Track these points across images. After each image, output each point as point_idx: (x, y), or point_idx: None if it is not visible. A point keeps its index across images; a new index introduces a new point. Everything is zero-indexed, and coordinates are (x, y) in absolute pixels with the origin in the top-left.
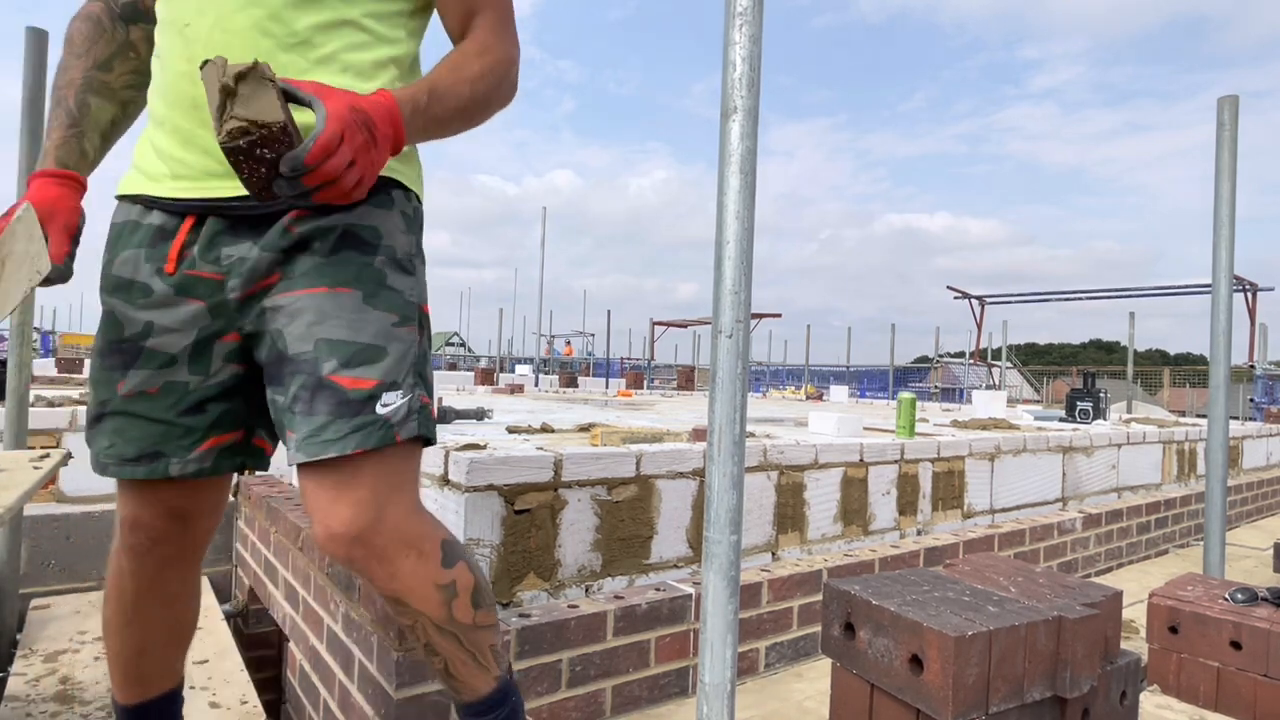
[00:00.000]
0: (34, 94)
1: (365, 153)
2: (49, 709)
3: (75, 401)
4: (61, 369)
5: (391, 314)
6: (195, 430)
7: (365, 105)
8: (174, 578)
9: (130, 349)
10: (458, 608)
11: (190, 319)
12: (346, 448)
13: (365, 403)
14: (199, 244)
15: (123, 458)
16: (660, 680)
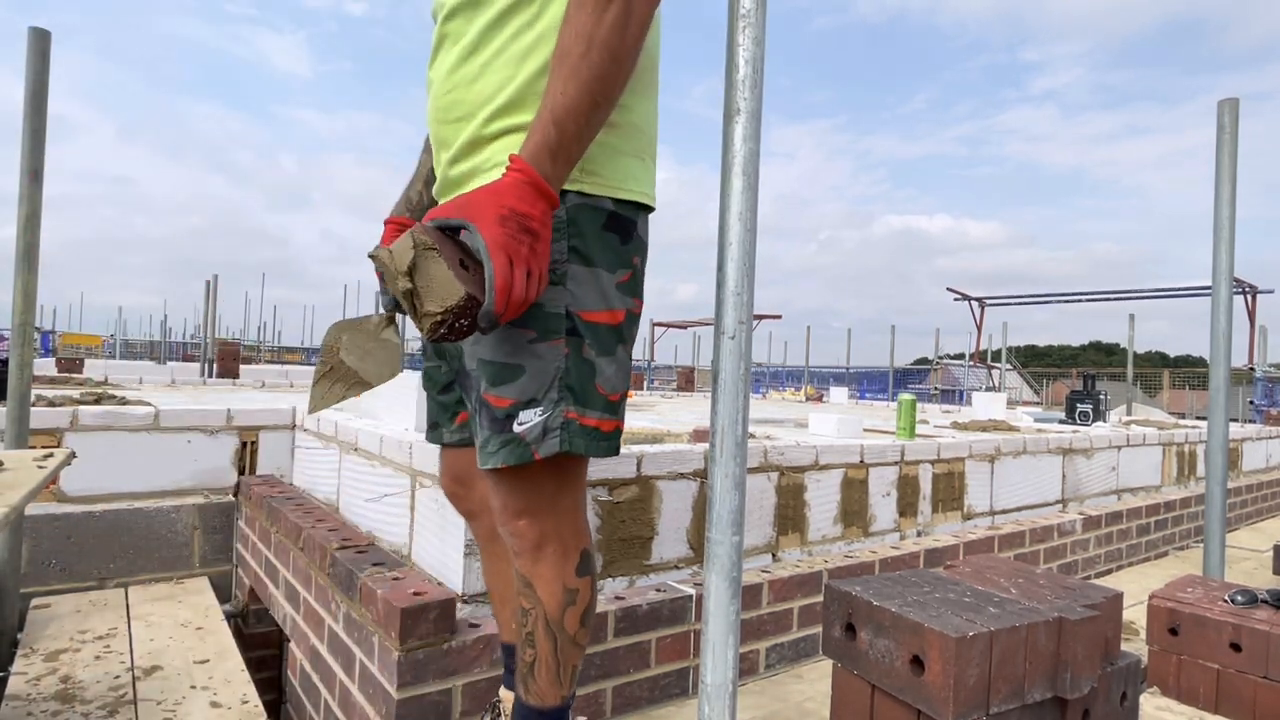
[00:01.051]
0: (36, 94)
1: (534, 258)
2: (50, 708)
3: (75, 401)
4: (62, 369)
5: (527, 330)
6: (449, 407)
7: (511, 201)
8: None
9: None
10: (570, 615)
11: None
12: (496, 463)
13: (505, 421)
14: None
15: (429, 426)
16: (661, 681)
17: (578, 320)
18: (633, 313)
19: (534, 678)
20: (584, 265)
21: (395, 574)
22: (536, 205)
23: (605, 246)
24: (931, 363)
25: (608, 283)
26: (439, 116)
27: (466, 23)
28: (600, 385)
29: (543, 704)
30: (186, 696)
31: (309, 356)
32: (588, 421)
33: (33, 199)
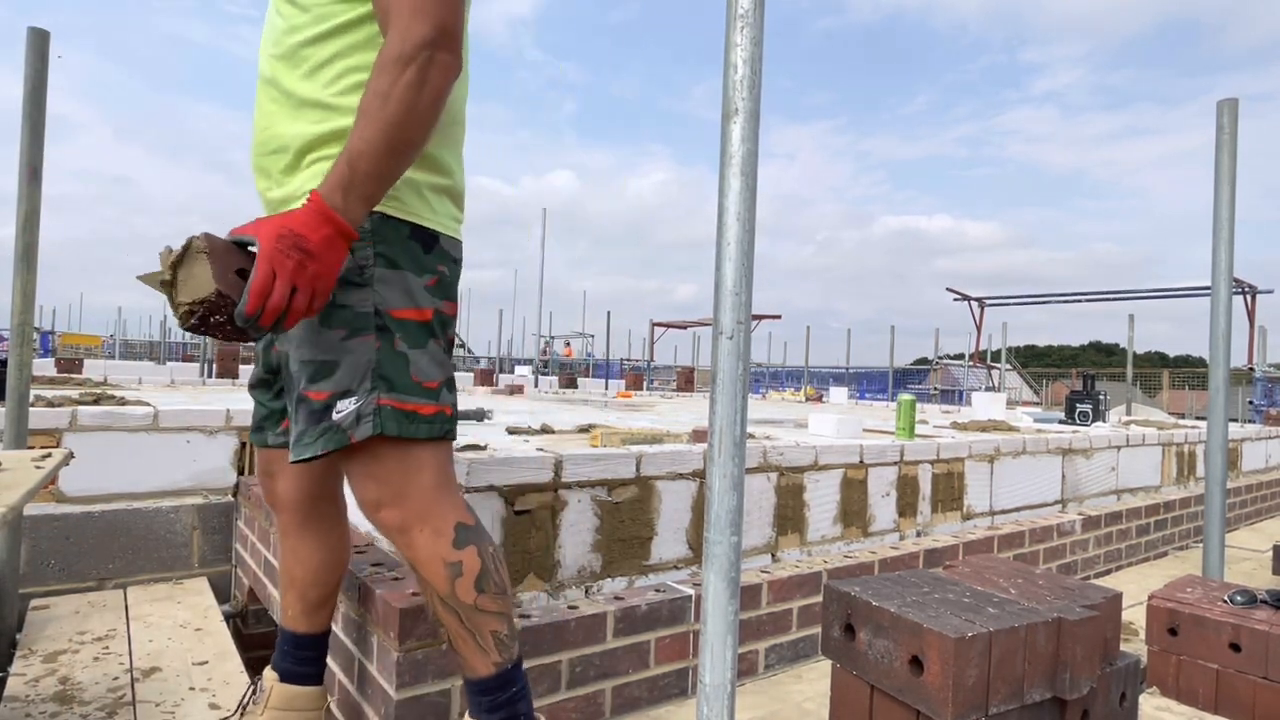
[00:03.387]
0: (35, 93)
1: (301, 273)
2: (48, 709)
3: (75, 401)
4: (61, 369)
5: (340, 329)
6: (277, 414)
7: (294, 224)
8: None
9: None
10: (461, 586)
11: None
12: (315, 450)
13: (324, 412)
14: None
15: (255, 428)
16: (660, 681)
17: (387, 317)
18: (443, 312)
19: (458, 653)
20: (390, 268)
21: (394, 574)
22: (318, 230)
23: (409, 254)
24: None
25: (415, 284)
26: (259, 150)
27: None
28: (415, 374)
29: (476, 675)
30: (185, 698)
31: None
32: (404, 406)
33: (32, 198)
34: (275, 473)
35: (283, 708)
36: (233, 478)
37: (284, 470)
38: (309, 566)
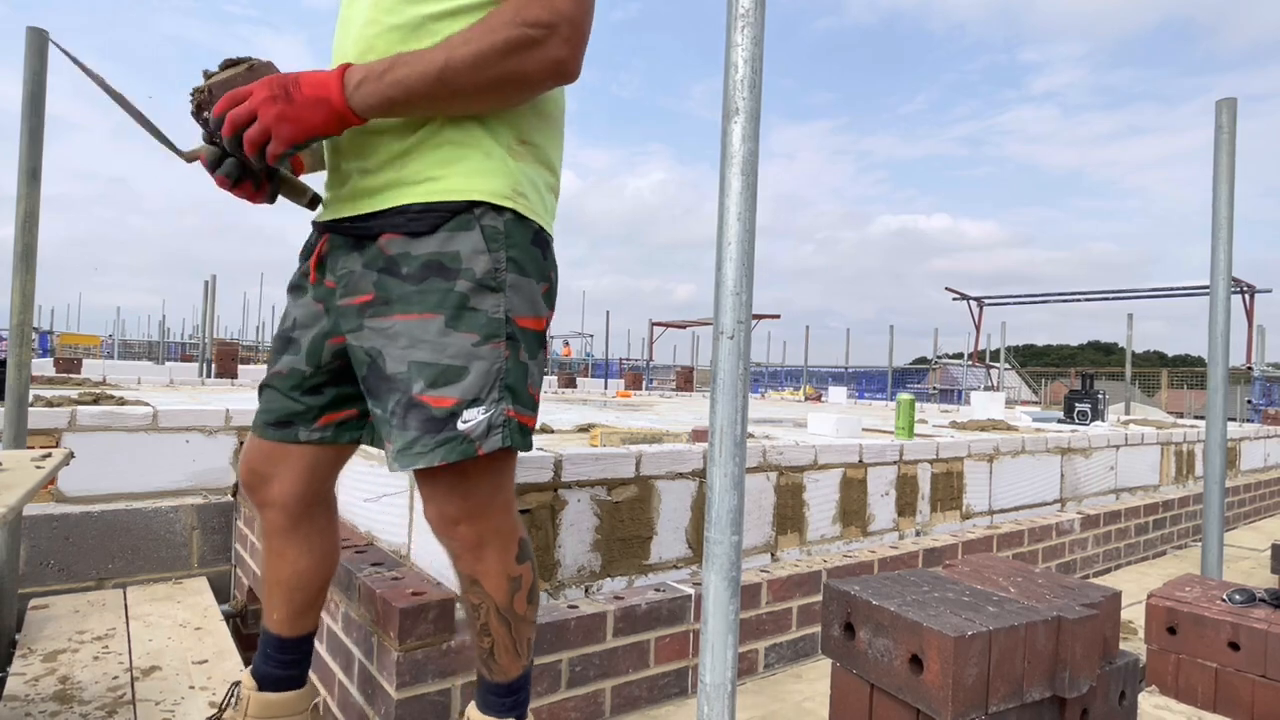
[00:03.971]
0: (34, 94)
1: (269, 107)
2: (48, 709)
3: (74, 401)
4: (60, 369)
5: (473, 334)
6: (313, 410)
7: (304, 75)
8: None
9: (283, 335)
10: (518, 599)
11: (316, 318)
12: (433, 461)
13: (447, 420)
14: (327, 257)
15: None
16: (660, 681)
17: (514, 326)
18: (549, 320)
19: (495, 660)
20: (520, 274)
21: (394, 574)
22: (316, 90)
23: (533, 259)
24: (930, 362)
25: (536, 291)
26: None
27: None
28: (530, 386)
29: (507, 678)
30: (185, 697)
31: None
32: (523, 419)
33: (31, 198)
34: (275, 471)
35: (261, 716)
36: (232, 477)
37: (287, 469)
38: (297, 569)
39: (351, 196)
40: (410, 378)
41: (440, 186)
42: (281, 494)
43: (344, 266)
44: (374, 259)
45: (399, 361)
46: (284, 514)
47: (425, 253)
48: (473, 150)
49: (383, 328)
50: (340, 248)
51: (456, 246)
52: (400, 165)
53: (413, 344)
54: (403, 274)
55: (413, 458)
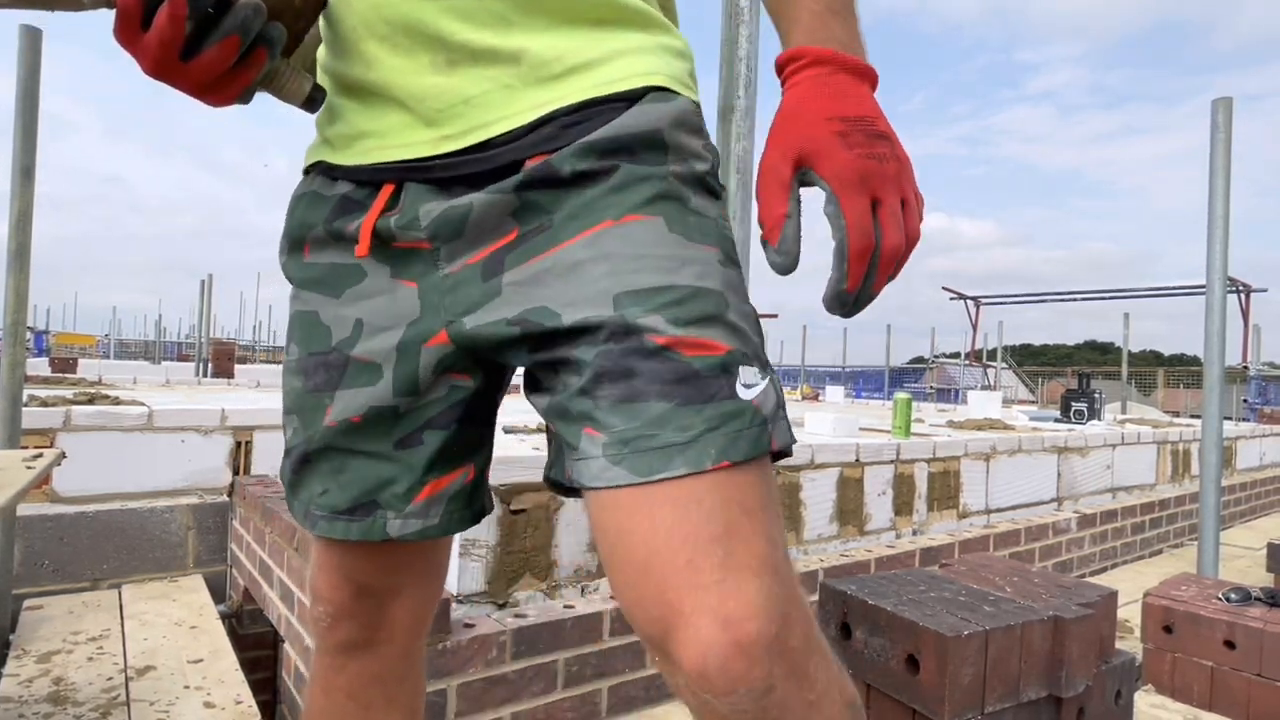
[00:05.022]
0: (28, 91)
1: (898, 183)
2: (42, 710)
3: (69, 401)
4: (55, 368)
5: (712, 248)
6: (411, 471)
7: (854, 108)
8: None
9: (337, 359)
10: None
11: (400, 312)
12: (705, 457)
13: (718, 377)
14: (399, 213)
15: (335, 508)
16: (657, 680)
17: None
18: None
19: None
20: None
21: None
22: (868, 97)
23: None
24: (927, 362)
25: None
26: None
27: None
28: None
29: None
30: (180, 697)
31: None
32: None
33: (24, 197)
34: (372, 583)
35: None
36: (228, 477)
37: (395, 579)
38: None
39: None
40: (632, 312)
41: (617, 70)
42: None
43: (436, 214)
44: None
45: (593, 302)
46: (376, 661)
47: (607, 135)
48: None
49: (546, 267)
50: (422, 196)
51: (655, 119)
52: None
53: (616, 267)
54: (568, 176)
55: (662, 455)
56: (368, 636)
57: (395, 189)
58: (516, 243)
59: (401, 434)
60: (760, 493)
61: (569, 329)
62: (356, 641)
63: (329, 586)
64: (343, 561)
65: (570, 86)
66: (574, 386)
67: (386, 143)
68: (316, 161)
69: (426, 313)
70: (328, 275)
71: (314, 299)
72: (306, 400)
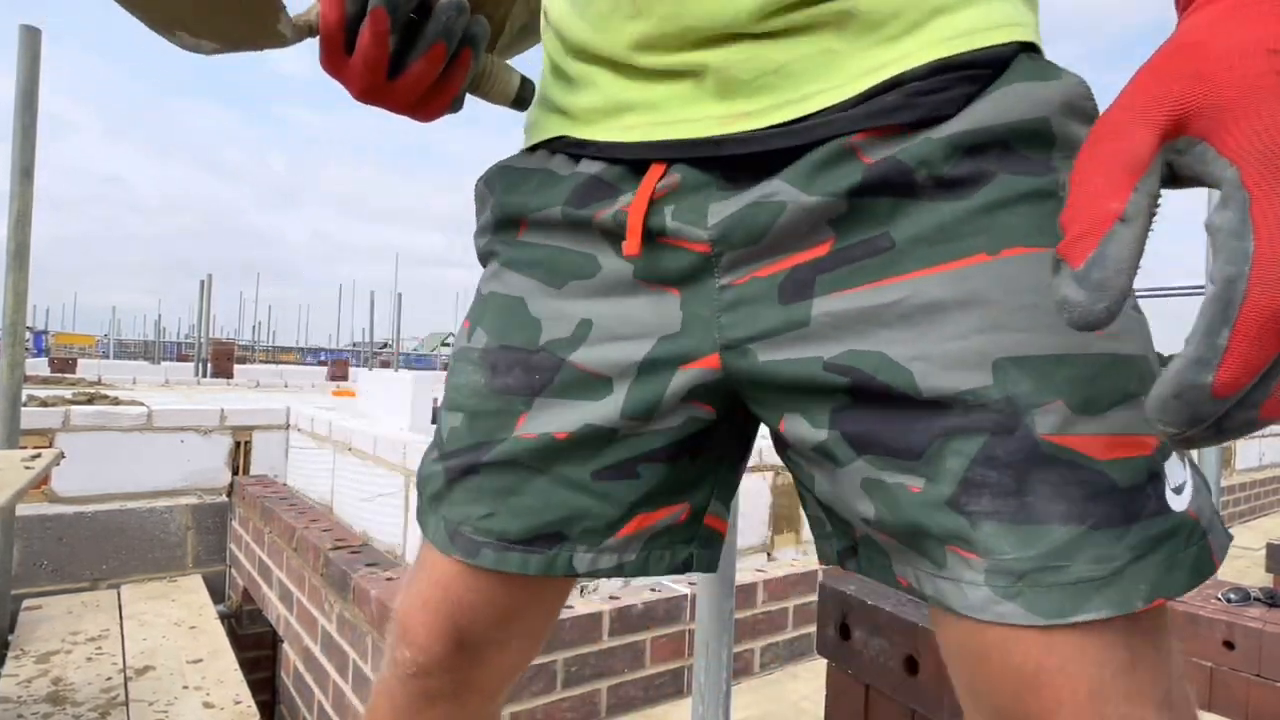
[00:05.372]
0: (27, 91)
1: None
2: (41, 710)
3: (68, 401)
4: (55, 368)
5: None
6: (615, 505)
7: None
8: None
9: (544, 361)
10: None
11: (650, 321)
12: (1134, 595)
13: (1144, 487)
14: (674, 204)
15: (505, 535)
16: (656, 680)
17: None
18: None
19: None
20: None
21: (389, 574)
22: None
23: None
24: None
25: None
26: None
27: None
28: None
29: None
30: (179, 697)
31: (304, 356)
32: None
33: (24, 197)
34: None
35: None
36: (227, 478)
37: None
38: None
39: (753, 90)
40: (1013, 397)
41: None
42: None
43: (730, 213)
44: (830, 177)
45: (967, 361)
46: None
47: (978, 126)
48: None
49: (884, 301)
50: (704, 185)
51: (1040, 103)
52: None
53: (995, 320)
54: (923, 181)
55: (1075, 593)
56: (454, 691)
57: (663, 172)
58: (831, 259)
59: (609, 461)
60: (1168, 618)
61: (926, 400)
62: (442, 692)
63: (426, 632)
64: (459, 601)
65: (914, 42)
66: (930, 496)
67: (659, 118)
68: (556, 136)
69: (690, 328)
70: (548, 260)
71: (522, 284)
72: (489, 401)
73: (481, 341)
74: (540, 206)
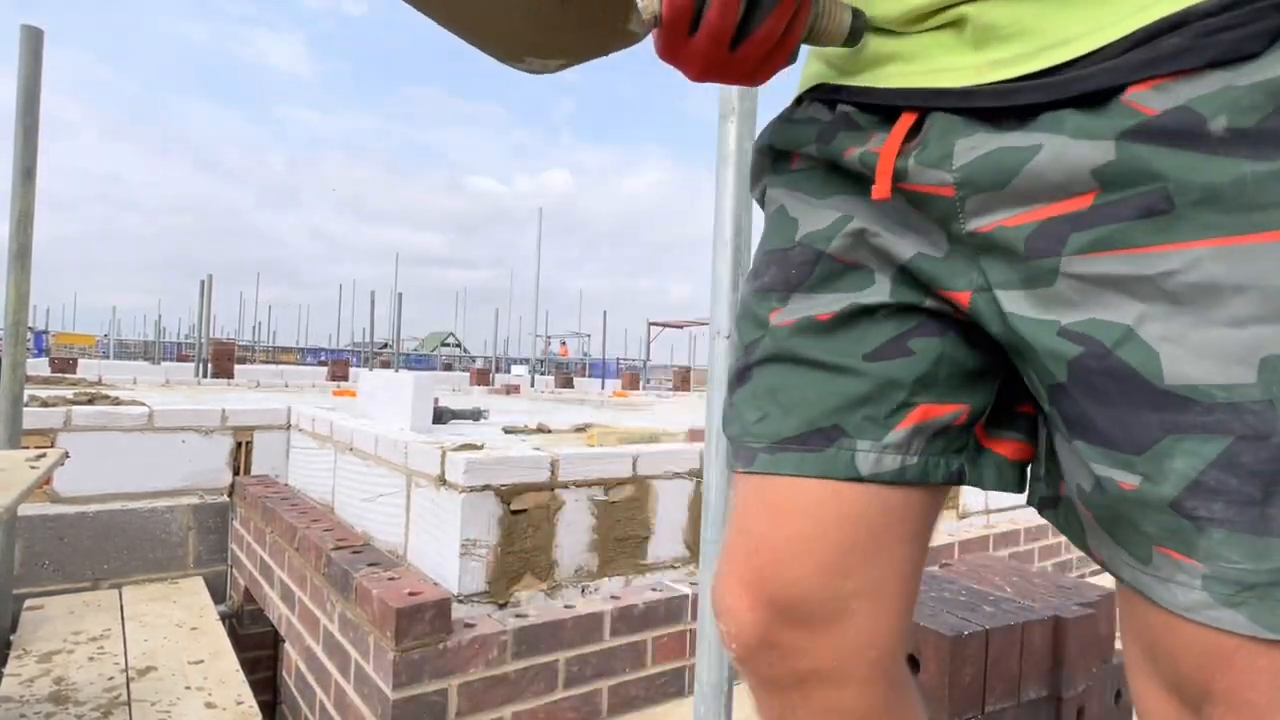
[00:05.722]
0: (29, 92)
1: None
2: (43, 709)
3: (69, 401)
4: (55, 369)
5: None
6: (896, 388)
7: None
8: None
9: (801, 255)
10: None
11: (914, 231)
12: None
13: None
14: (920, 148)
15: (778, 436)
16: (657, 680)
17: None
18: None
19: None
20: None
21: (391, 574)
22: None
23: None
24: None
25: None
26: None
27: None
28: None
29: None
30: (181, 697)
31: (304, 356)
32: None
33: (25, 198)
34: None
35: None
36: (228, 478)
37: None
38: None
39: (1009, 37)
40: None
41: None
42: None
43: (978, 154)
44: (1102, 120)
45: (1229, 355)
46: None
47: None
48: None
49: (1144, 270)
50: (955, 128)
51: None
52: None
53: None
54: (1220, 134)
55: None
56: (799, 675)
57: (917, 120)
58: (1091, 214)
59: (879, 339)
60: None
61: (1166, 390)
62: (776, 680)
63: (733, 592)
64: (760, 547)
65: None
66: (1148, 495)
67: (916, 67)
68: (816, 85)
69: (954, 257)
70: (813, 176)
71: (784, 195)
72: (750, 303)
73: (757, 260)
74: (805, 141)
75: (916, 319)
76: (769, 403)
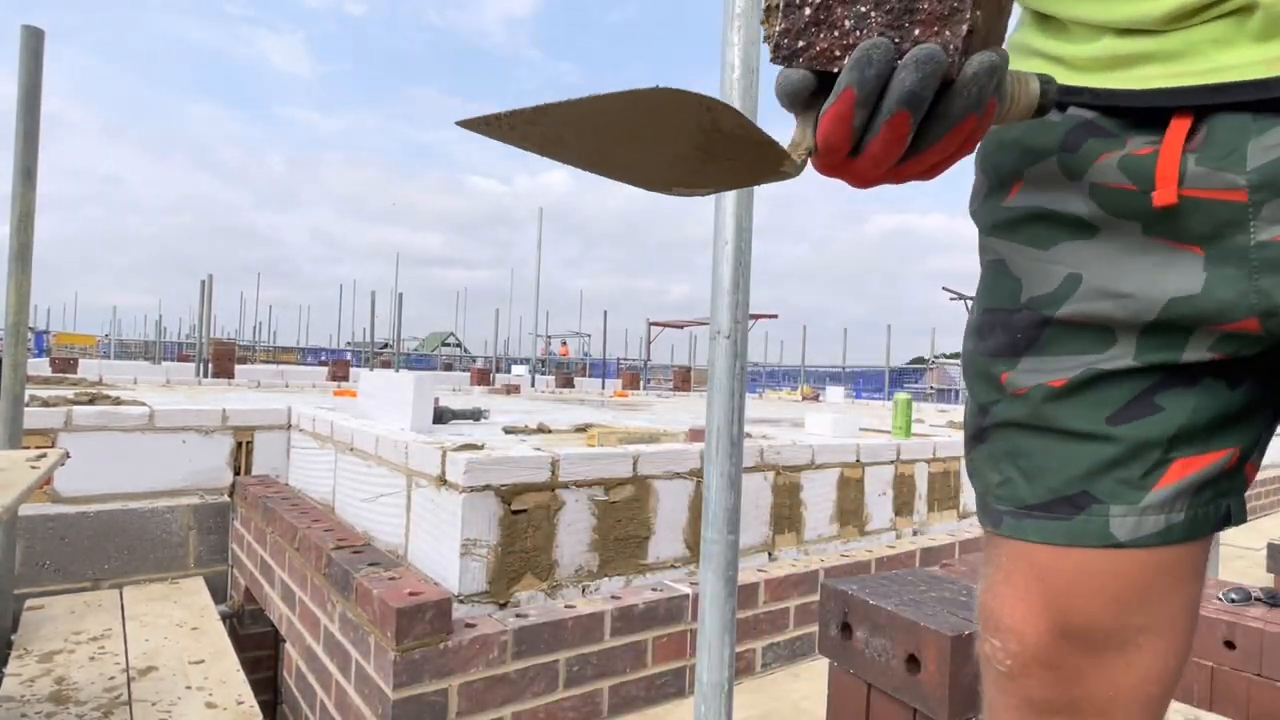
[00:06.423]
0: (29, 93)
1: None
2: (44, 709)
3: (70, 401)
4: (56, 369)
5: None
6: (1150, 448)
7: None
8: None
9: (1027, 319)
10: None
11: (1160, 281)
12: None
13: None
14: (1204, 148)
15: (1022, 502)
16: (657, 680)
17: None
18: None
19: None
20: None
21: (391, 574)
22: None
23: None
24: (927, 362)
25: None
26: None
27: None
28: None
29: None
30: (182, 697)
31: (304, 356)
32: None
33: (26, 198)
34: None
35: None
36: (229, 478)
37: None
38: None
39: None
40: None
41: None
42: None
43: (1269, 154)
44: None
45: None
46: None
47: None
48: None
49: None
50: (1237, 129)
51: None
52: None
53: None
54: None
55: None
56: (1071, 700)
57: (1193, 120)
58: None
59: (1122, 401)
60: None
61: None
62: (1051, 705)
63: (1016, 612)
64: (1043, 577)
65: None
66: None
67: (1181, 67)
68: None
69: (1215, 289)
70: (1033, 220)
71: (1004, 247)
72: (976, 365)
73: (975, 313)
74: (1040, 151)
75: (1159, 374)
76: (1009, 468)
